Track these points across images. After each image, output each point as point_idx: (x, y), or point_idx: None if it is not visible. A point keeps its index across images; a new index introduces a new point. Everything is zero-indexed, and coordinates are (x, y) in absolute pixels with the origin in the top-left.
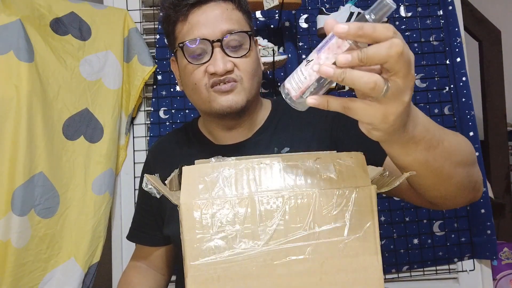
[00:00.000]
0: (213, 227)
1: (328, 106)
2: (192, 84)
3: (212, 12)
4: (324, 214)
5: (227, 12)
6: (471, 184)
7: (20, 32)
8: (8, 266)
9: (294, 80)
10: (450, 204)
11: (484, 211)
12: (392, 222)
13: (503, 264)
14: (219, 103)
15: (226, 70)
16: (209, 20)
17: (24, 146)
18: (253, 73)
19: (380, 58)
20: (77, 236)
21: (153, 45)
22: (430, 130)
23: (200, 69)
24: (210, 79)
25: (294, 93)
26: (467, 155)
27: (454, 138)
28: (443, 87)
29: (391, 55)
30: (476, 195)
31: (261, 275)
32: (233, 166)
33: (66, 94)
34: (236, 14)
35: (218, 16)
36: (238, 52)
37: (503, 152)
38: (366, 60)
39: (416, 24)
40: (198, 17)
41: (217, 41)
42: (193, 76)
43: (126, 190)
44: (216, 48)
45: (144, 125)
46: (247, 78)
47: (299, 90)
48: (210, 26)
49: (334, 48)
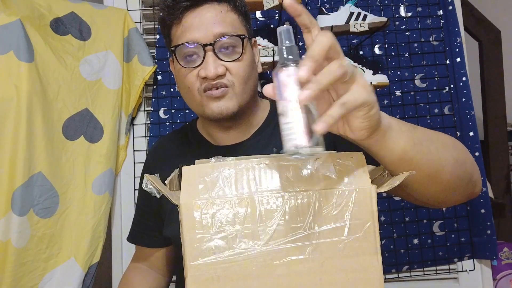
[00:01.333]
0: (213, 227)
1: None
2: (186, 88)
3: (205, 15)
4: (324, 214)
5: (221, 14)
6: (466, 175)
7: (20, 32)
8: (8, 266)
9: (289, 136)
10: (449, 200)
11: (484, 211)
12: (392, 222)
13: (503, 264)
14: (211, 108)
15: (217, 75)
16: (202, 23)
17: (24, 146)
18: (246, 76)
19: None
20: (77, 236)
21: (153, 45)
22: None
23: (193, 72)
24: (202, 84)
25: (303, 140)
26: (448, 140)
27: (431, 131)
28: (443, 87)
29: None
30: (474, 191)
31: (261, 275)
32: (233, 166)
33: (66, 94)
34: (230, 16)
35: (211, 19)
36: (230, 56)
37: (503, 152)
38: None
39: (416, 24)
40: (192, 20)
41: (209, 44)
42: (186, 79)
43: (126, 190)
44: (208, 52)
45: (144, 125)
46: (239, 83)
47: (302, 133)
48: (202, 29)
49: (286, 83)
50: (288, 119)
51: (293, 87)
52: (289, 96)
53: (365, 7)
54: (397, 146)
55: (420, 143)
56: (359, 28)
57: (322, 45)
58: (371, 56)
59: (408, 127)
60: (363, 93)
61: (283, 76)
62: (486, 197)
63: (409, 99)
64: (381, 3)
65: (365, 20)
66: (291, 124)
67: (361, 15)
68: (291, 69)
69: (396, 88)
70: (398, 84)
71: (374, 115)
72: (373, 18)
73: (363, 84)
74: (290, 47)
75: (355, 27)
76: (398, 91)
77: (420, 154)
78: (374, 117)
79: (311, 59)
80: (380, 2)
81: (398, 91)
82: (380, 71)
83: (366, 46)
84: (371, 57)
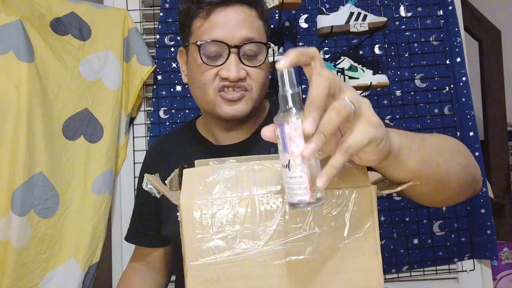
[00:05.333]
0: (213, 227)
1: (338, 168)
2: (201, 83)
3: (234, 15)
4: (324, 214)
5: (249, 18)
6: (470, 177)
7: (20, 32)
8: (8, 266)
9: (293, 191)
10: (453, 201)
11: (484, 211)
12: (392, 222)
13: (503, 264)
14: (224, 110)
15: (239, 78)
16: (231, 23)
17: (24, 146)
18: (264, 84)
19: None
20: (77, 236)
21: (153, 45)
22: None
23: (212, 70)
24: (219, 83)
25: (307, 196)
26: (453, 145)
27: (435, 137)
28: (443, 87)
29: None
30: (476, 188)
31: (261, 275)
32: (234, 168)
33: (66, 94)
34: (258, 22)
35: (240, 21)
36: (253, 62)
37: (503, 152)
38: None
39: (416, 24)
40: (220, 17)
41: (235, 46)
42: (203, 76)
43: (126, 190)
44: (233, 54)
45: (144, 125)
46: (257, 89)
47: (306, 189)
48: (230, 29)
49: (292, 137)
50: (293, 174)
51: (299, 141)
52: (295, 151)
53: (365, 7)
54: (406, 167)
55: (430, 159)
56: (359, 28)
57: (321, 89)
58: (371, 56)
59: (418, 143)
60: (369, 131)
61: (288, 129)
62: (486, 197)
63: (409, 99)
64: (381, 3)
65: (365, 20)
66: (296, 180)
67: (361, 15)
68: (297, 122)
69: (396, 88)
70: (398, 84)
71: (382, 148)
72: (373, 18)
73: (369, 118)
74: (293, 94)
75: (355, 27)
76: (398, 91)
77: (430, 170)
78: (383, 149)
79: (314, 108)
80: (380, 2)
81: (398, 91)
82: (380, 71)
83: (366, 46)
84: (371, 57)
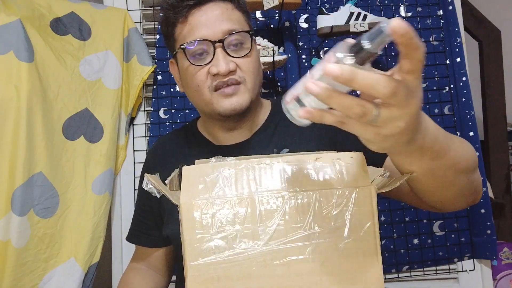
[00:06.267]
0: (213, 227)
1: (323, 119)
2: (195, 86)
3: (212, 12)
4: (324, 214)
5: (227, 12)
6: (471, 190)
7: (20, 32)
8: (8, 266)
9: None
10: (450, 208)
11: (484, 211)
12: (392, 222)
13: (503, 264)
14: (222, 106)
15: (229, 70)
16: (210, 20)
17: (24, 146)
18: (256, 72)
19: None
20: (77, 236)
21: (153, 45)
22: (438, 140)
23: (203, 70)
24: (213, 81)
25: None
26: (471, 162)
27: (460, 147)
28: (443, 87)
29: (381, 94)
30: (476, 198)
31: (261, 275)
32: (233, 166)
33: (66, 94)
34: (235, 13)
35: (218, 16)
36: (239, 52)
37: (503, 152)
38: (352, 84)
39: (416, 24)
40: (198, 18)
41: (219, 41)
42: (195, 77)
43: (126, 190)
44: (218, 48)
45: (144, 125)
46: (250, 78)
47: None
48: (210, 26)
49: (321, 66)
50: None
51: (318, 73)
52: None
53: (365, 7)
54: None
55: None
56: (359, 28)
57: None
58: None
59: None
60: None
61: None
62: (486, 197)
63: None
64: (381, 3)
65: (365, 20)
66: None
67: (361, 15)
68: (335, 66)
69: None
70: None
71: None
72: (373, 18)
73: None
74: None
75: (355, 27)
76: None
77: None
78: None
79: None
80: (380, 2)
81: None
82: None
83: None
84: None
